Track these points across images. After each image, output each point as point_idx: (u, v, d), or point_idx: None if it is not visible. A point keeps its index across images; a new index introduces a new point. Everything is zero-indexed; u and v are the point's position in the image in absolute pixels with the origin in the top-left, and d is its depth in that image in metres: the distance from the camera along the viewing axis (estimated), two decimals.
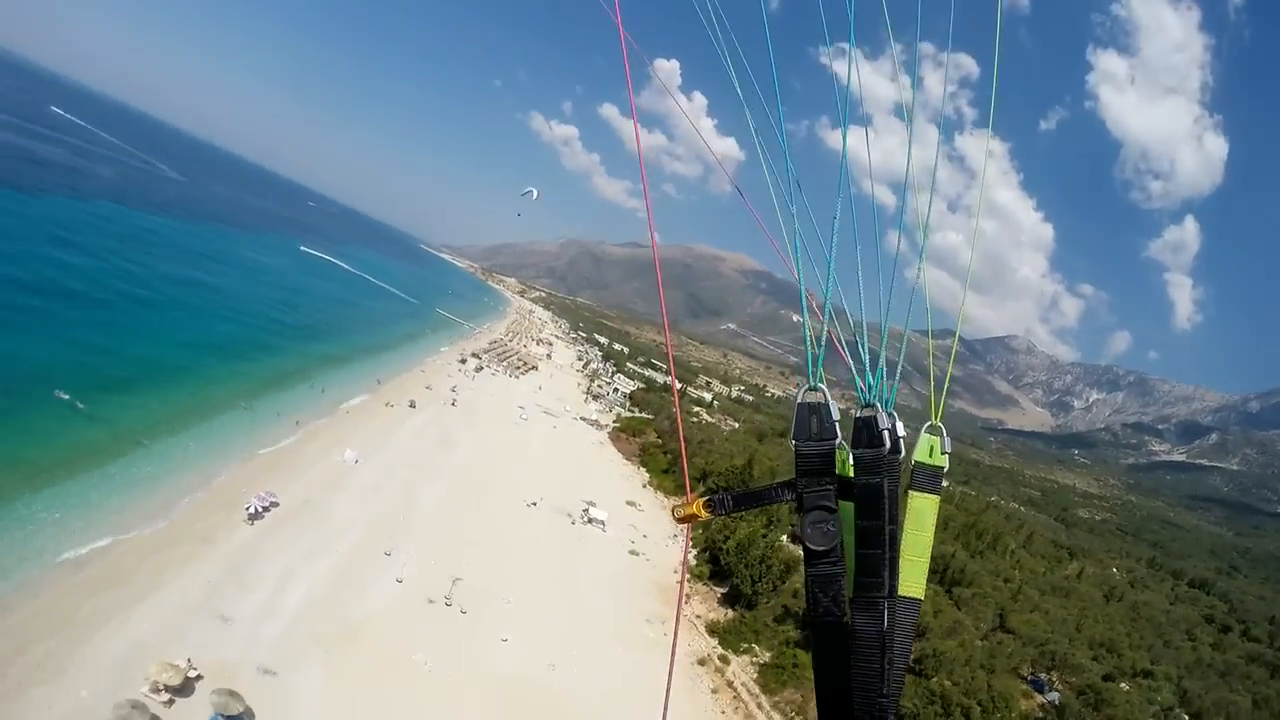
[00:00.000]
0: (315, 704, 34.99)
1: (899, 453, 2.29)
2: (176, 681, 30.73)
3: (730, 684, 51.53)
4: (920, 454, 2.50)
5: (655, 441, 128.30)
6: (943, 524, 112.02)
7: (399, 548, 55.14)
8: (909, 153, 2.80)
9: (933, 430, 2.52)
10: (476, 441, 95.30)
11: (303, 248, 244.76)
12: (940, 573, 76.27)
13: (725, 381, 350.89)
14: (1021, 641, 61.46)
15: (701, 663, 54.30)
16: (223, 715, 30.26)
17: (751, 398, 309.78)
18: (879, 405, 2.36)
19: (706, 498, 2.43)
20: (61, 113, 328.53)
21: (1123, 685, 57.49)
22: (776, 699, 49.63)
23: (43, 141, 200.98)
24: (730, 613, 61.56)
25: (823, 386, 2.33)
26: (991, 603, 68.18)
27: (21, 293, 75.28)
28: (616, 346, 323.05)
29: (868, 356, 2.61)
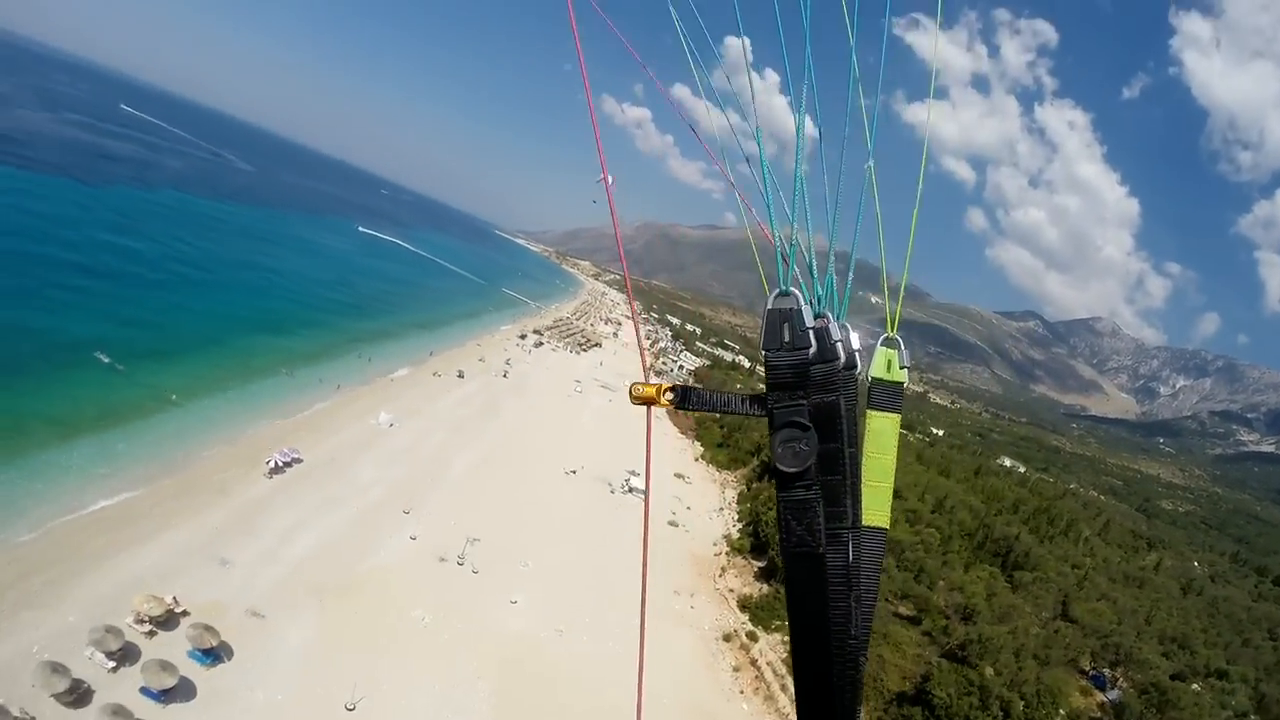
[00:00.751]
0: (298, 648, 34.96)
1: (854, 368, 2.06)
2: (159, 613, 31.87)
3: (754, 662, 48.21)
4: (877, 369, 2.29)
5: (714, 416, 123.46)
6: (1013, 504, 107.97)
7: (420, 507, 54.76)
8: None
9: (889, 343, 2.31)
10: (523, 411, 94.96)
11: (361, 228, 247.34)
12: (1002, 555, 71.21)
13: None
14: (1084, 632, 55.81)
15: (727, 638, 51.10)
16: (197, 648, 31.21)
17: None
18: (829, 315, 2.11)
19: (670, 386, 2.14)
20: (132, 110, 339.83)
21: (1194, 685, 51.48)
22: None
23: (112, 138, 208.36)
24: (766, 588, 58.03)
25: (795, 291, 2.01)
26: (1054, 589, 62.64)
27: (76, 274, 77.73)
28: (689, 327, 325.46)
29: (813, 259, 2.24)
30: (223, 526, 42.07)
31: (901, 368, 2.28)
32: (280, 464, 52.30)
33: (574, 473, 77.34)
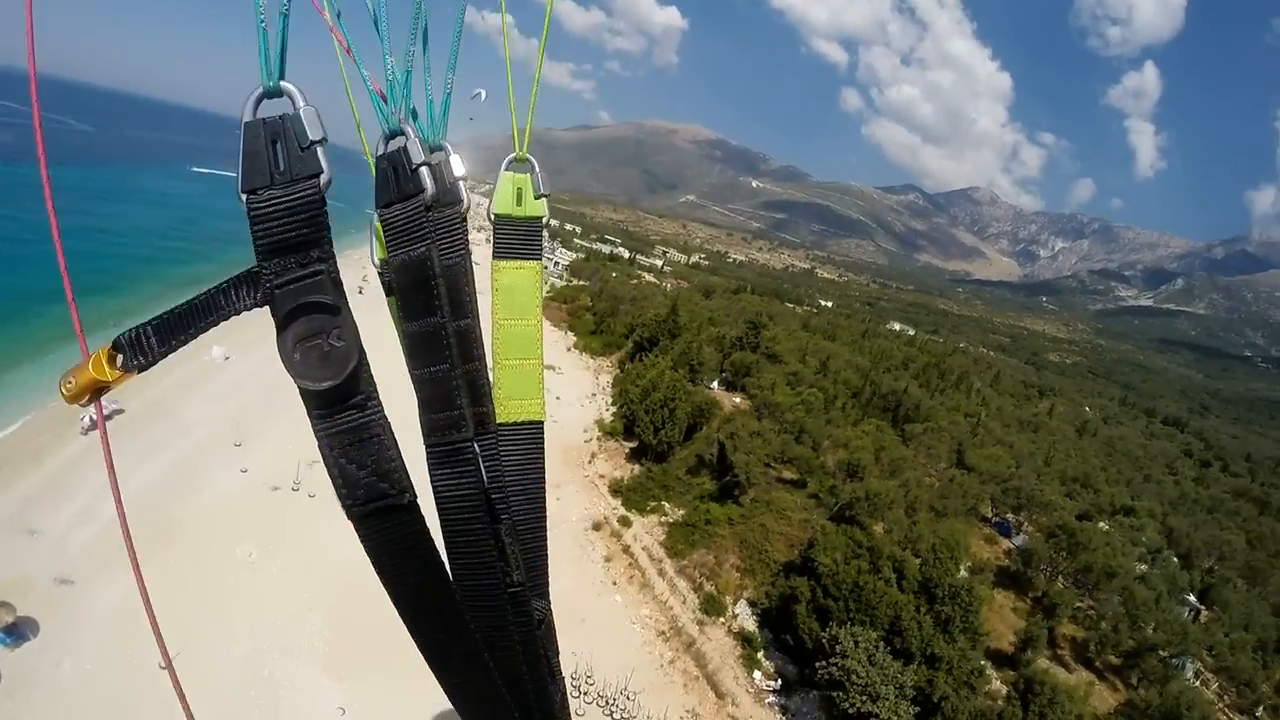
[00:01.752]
0: (109, 610, 31.01)
1: (459, 203, 1.59)
2: None
3: (627, 549, 44.61)
4: (501, 203, 1.76)
5: (586, 304, 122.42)
6: (902, 361, 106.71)
7: (253, 438, 50.18)
8: None
9: (517, 166, 1.76)
10: (382, 326, 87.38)
11: (195, 168, 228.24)
12: (891, 410, 69.14)
13: (684, 250, 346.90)
14: (981, 479, 54.05)
15: (596, 527, 47.30)
16: None
17: (709, 262, 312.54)
18: (411, 125, 1.48)
19: (114, 342, 1.41)
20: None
21: (1101, 524, 50.17)
22: (684, 563, 42.60)
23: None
24: (636, 468, 54.43)
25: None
26: (946, 438, 60.67)
27: None
28: (568, 227, 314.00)
29: (387, 45, 1.47)
30: (33, 495, 38.43)
31: (537, 197, 1.72)
32: (95, 419, 44.83)
33: None
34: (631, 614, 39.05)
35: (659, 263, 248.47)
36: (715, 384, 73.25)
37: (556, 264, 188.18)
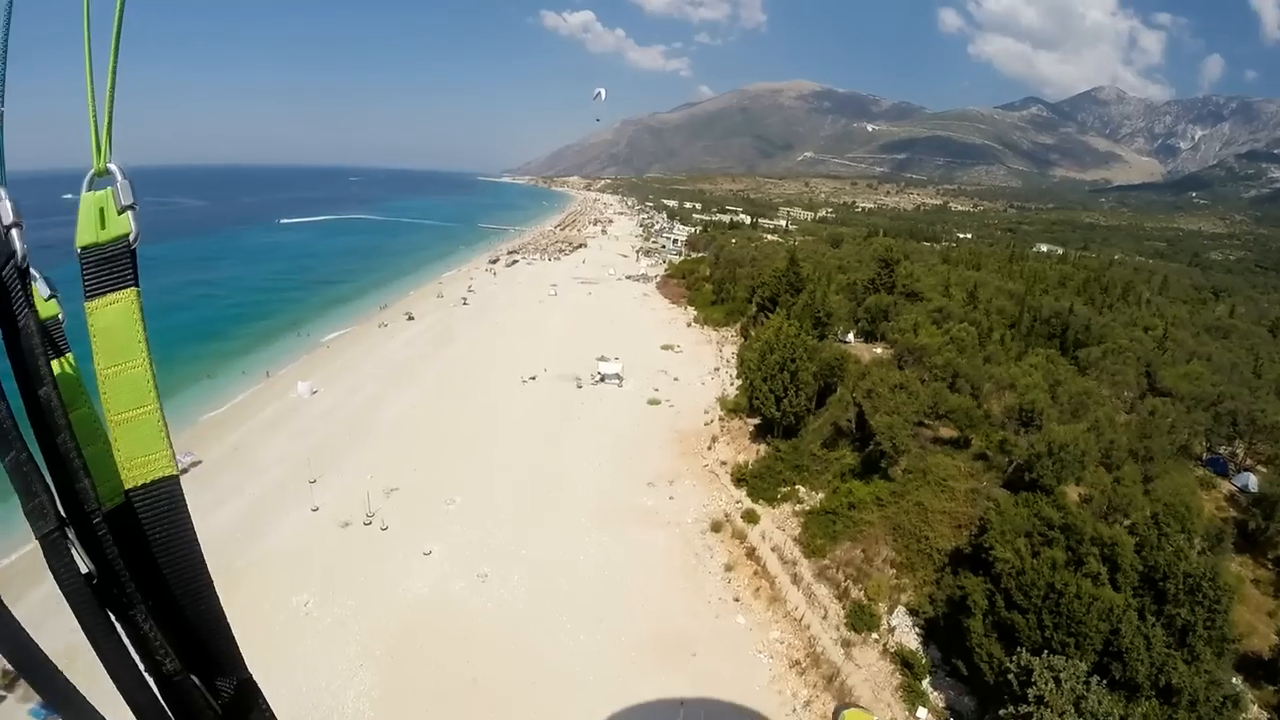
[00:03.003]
0: None
1: (11, 256, 1.39)
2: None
3: (753, 552, 36.22)
4: (84, 232, 1.45)
5: (704, 275, 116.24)
6: (1058, 281, 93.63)
7: (330, 473, 47.94)
8: None
9: (98, 182, 1.45)
10: (479, 334, 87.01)
11: (281, 220, 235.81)
12: (1057, 336, 57.31)
13: (810, 207, 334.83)
14: (1185, 405, 42.42)
15: (715, 528, 39.32)
16: (38, 705, 25.76)
17: (835, 215, 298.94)
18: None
19: None
20: (73, 196, 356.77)
21: None
22: (824, 562, 33.76)
23: (51, 228, 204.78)
24: (763, 449, 45.85)
25: None
26: (1132, 360, 48.80)
27: None
28: (688, 205, 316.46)
29: None
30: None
31: (121, 211, 1.42)
32: None
33: (533, 379, 68.63)
34: (758, 639, 30.97)
35: (783, 223, 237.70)
36: (851, 336, 63.95)
37: (675, 241, 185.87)
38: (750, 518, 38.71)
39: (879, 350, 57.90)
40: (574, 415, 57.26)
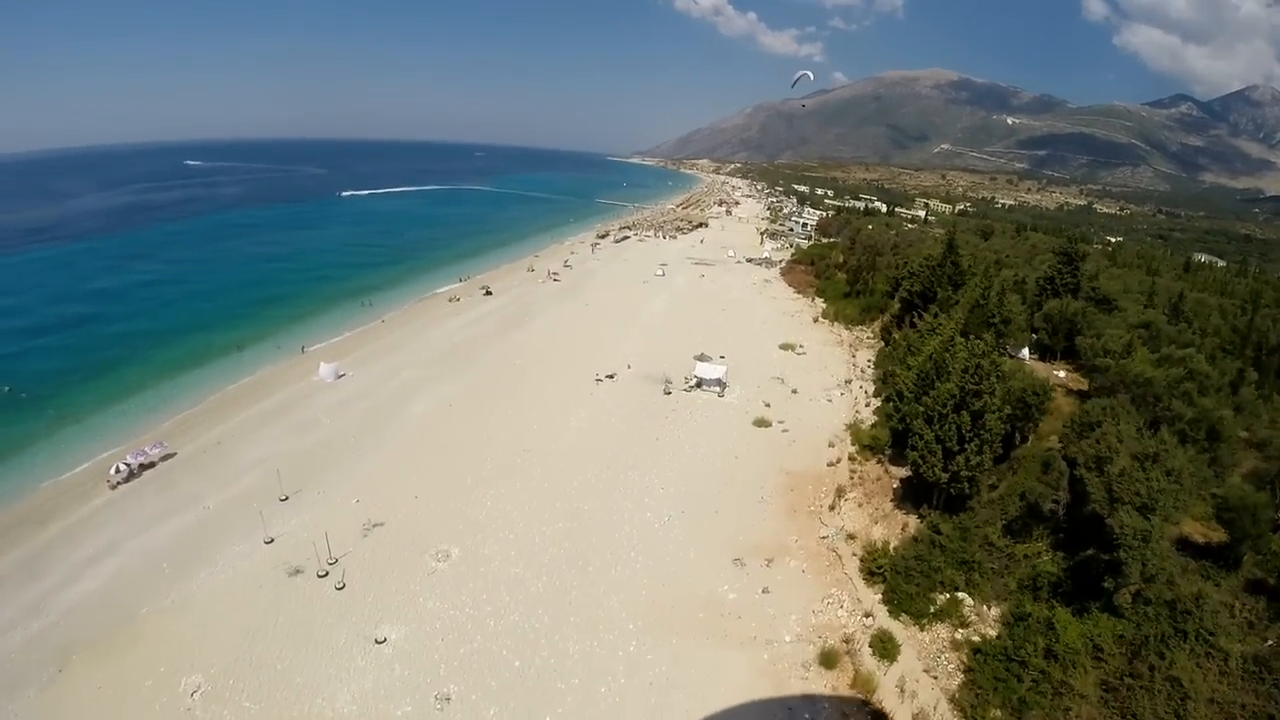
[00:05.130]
0: None
1: None
2: None
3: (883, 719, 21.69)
4: None
5: (837, 261, 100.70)
6: (1274, 300, 71.71)
7: (313, 485, 37.48)
8: None
9: None
10: (560, 316, 76.07)
11: (342, 193, 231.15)
12: None
13: (947, 201, 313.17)
14: None
15: (828, 662, 23.96)
16: None
17: (975, 210, 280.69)
18: None
19: None
20: (197, 163, 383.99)
21: None
22: None
23: (165, 190, 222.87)
24: (913, 521, 30.46)
25: None
26: None
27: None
28: (819, 191, 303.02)
29: None
30: (6, 573, 30.03)
31: None
32: (135, 467, 39.18)
33: (611, 377, 55.45)
34: None
35: (921, 214, 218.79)
36: (1025, 352, 47.50)
37: (804, 225, 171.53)
38: (885, 649, 23.46)
39: (1061, 373, 42.43)
40: (651, 435, 43.01)
